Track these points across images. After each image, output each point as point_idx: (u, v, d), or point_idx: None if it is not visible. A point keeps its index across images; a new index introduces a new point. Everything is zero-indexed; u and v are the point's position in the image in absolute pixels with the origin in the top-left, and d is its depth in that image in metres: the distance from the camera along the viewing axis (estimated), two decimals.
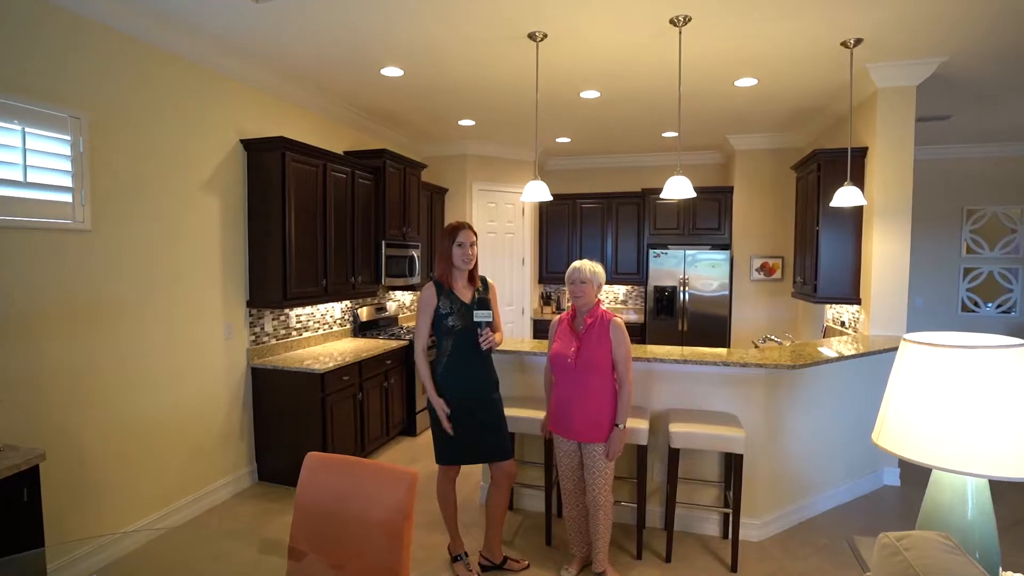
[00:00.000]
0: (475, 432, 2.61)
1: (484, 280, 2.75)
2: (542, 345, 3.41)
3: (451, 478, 2.70)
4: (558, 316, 2.73)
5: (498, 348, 2.83)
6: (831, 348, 3.30)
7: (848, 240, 3.95)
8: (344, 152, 4.80)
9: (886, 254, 3.68)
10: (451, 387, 2.58)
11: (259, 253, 3.78)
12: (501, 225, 6.42)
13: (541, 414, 2.98)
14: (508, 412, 3.04)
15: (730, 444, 2.68)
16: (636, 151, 6.55)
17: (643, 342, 6.08)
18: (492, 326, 2.65)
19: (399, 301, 5.77)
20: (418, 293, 2.53)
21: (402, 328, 5.50)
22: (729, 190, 5.95)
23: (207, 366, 3.49)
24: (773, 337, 3.78)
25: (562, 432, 2.62)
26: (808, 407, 3.20)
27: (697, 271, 5.89)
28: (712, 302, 5.88)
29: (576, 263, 2.61)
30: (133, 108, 2.96)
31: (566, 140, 5.98)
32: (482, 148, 6.18)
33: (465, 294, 2.65)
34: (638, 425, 2.79)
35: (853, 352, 3.11)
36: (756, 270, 5.81)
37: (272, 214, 3.72)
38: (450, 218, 6.24)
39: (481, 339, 2.58)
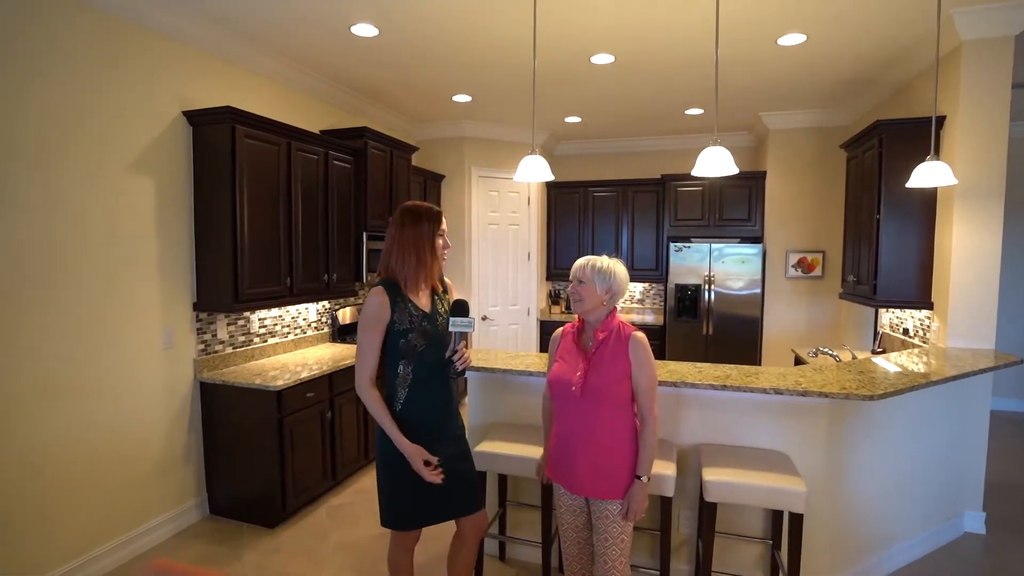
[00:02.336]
0: (442, 481, 1.97)
1: (442, 280, 2.10)
2: (544, 359, 2.77)
3: (408, 547, 2.04)
4: (561, 328, 2.09)
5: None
6: (899, 365, 2.62)
7: (916, 231, 3.25)
8: (321, 132, 4.19)
9: (970, 248, 2.97)
10: (414, 427, 1.90)
11: (207, 247, 3.18)
12: (504, 216, 5.78)
13: (537, 451, 2.34)
14: (494, 447, 2.41)
15: (786, 501, 2.02)
16: (655, 133, 5.86)
17: (663, 347, 5.41)
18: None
19: None
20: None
21: None
22: (761, 175, 5.24)
23: (139, 381, 2.90)
24: (826, 349, 3.11)
25: (564, 482, 1.98)
26: (880, 443, 2.53)
27: (724, 267, 5.20)
28: (741, 302, 5.19)
29: (580, 260, 1.97)
30: (26, 66, 2.35)
31: (576, 120, 5.30)
32: (482, 130, 5.53)
33: (423, 300, 1.98)
34: (663, 470, 2.14)
35: (940, 375, 2.43)
36: (792, 266, 5.10)
37: (220, 200, 3.12)
38: (448, 207, 5.60)
39: (456, 356, 1.93)
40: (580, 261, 1.95)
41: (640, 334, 1.91)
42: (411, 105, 4.86)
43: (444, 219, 2.00)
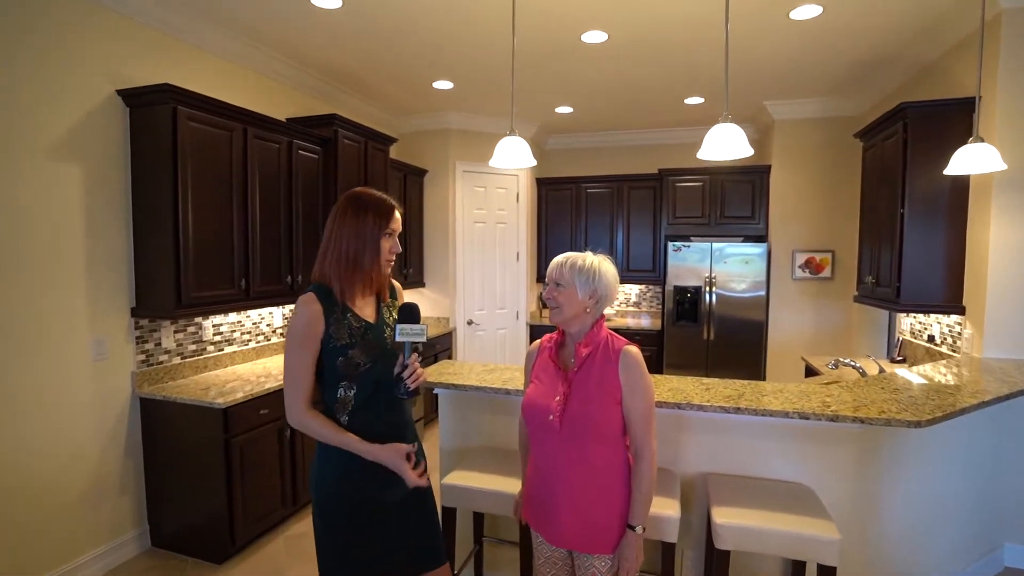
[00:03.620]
0: (395, 531, 1.58)
1: (390, 287, 1.72)
2: None
3: None
4: (538, 341, 1.73)
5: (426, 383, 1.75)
6: (935, 380, 2.27)
7: (945, 227, 2.90)
8: (288, 120, 3.82)
9: (1010, 245, 2.62)
10: (359, 466, 1.52)
11: (147, 246, 2.80)
12: (491, 213, 5.41)
13: (515, 484, 1.98)
14: (465, 479, 2.05)
15: (816, 551, 1.66)
16: (652, 125, 5.51)
17: (660, 354, 5.05)
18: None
19: None
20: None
21: None
22: (765, 169, 4.90)
23: (62, 399, 2.52)
24: (849, 361, 2.76)
25: (543, 531, 1.61)
26: (916, 470, 2.17)
27: (726, 268, 4.85)
28: (745, 305, 4.83)
29: (558, 257, 1.60)
30: None
31: (568, 110, 4.95)
32: (467, 121, 5.17)
33: (366, 310, 1.60)
34: (664, 510, 1.78)
35: (991, 393, 2.07)
36: (799, 267, 4.76)
37: (160, 192, 2.74)
38: (431, 204, 5.24)
39: (406, 373, 1.52)
40: (558, 259, 1.59)
41: (633, 349, 1.55)
42: (389, 93, 4.50)
43: (398, 214, 1.61)
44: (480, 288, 5.37)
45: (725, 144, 1.89)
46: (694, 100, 4.60)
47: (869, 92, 4.15)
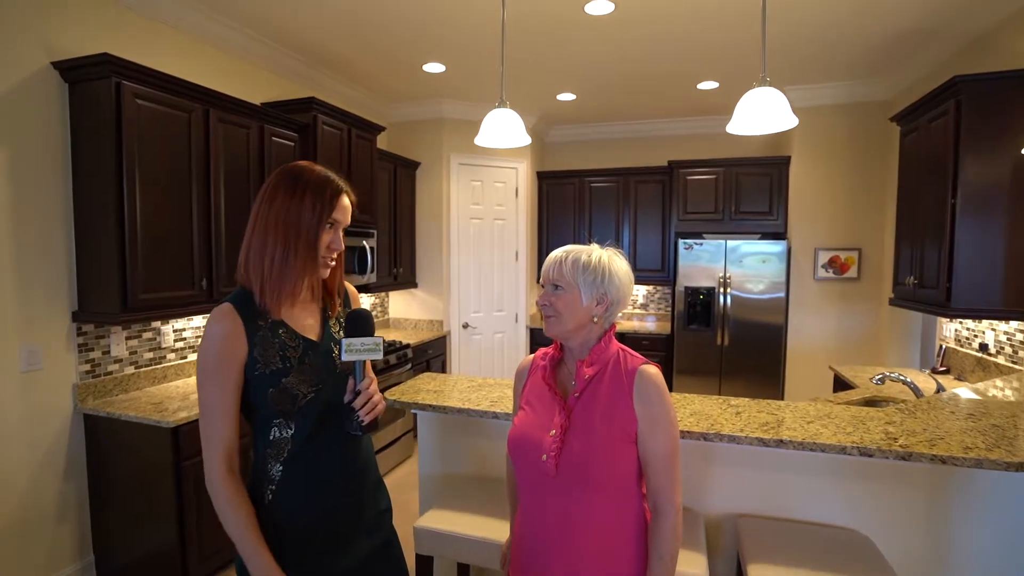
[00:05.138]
0: None
1: (341, 290, 1.35)
2: None
3: None
4: (531, 357, 1.37)
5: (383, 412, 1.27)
6: (996, 399, 1.90)
7: (1004, 220, 2.52)
8: (263, 104, 3.47)
9: None
10: (299, 526, 1.16)
11: (91, 241, 2.46)
12: (488, 209, 5.05)
13: (505, 527, 1.62)
14: (443, 522, 1.69)
15: None
16: (661, 115, 5.14)
17: (669, 361, 4.68)
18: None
19: None
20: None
21: None
22: (784, 161, 4.53)
23: None
24: (895, 374, 2.39)
25: None
26: (1005, 516, 1.79)
27: (742, 267, 4.48)
28: (762, 308, 4.46)
29: (556, 251, 1.24)
30: None
31: (570, 97, 4.59)
32: (462, 110, 4.81)
33: (306, 322, 1.23)
34: (689, 569, 1.42)
35: None
36: (823, 266, 4.38)
37: (103, 180, 2.40)
38: (423, 199, 4.89)
39: (358, 402, 1.14)
40: (556, 254, 1.22)
41: (652, 370, 1.19)
42: (377, 78, 4.14)
43: (347, 201, 1.22)
44: (476, 289, 5.01)
45: (764, 113, 1.52)
46: (708, 85, 4.23)
47: (903, 72, 3.77)
